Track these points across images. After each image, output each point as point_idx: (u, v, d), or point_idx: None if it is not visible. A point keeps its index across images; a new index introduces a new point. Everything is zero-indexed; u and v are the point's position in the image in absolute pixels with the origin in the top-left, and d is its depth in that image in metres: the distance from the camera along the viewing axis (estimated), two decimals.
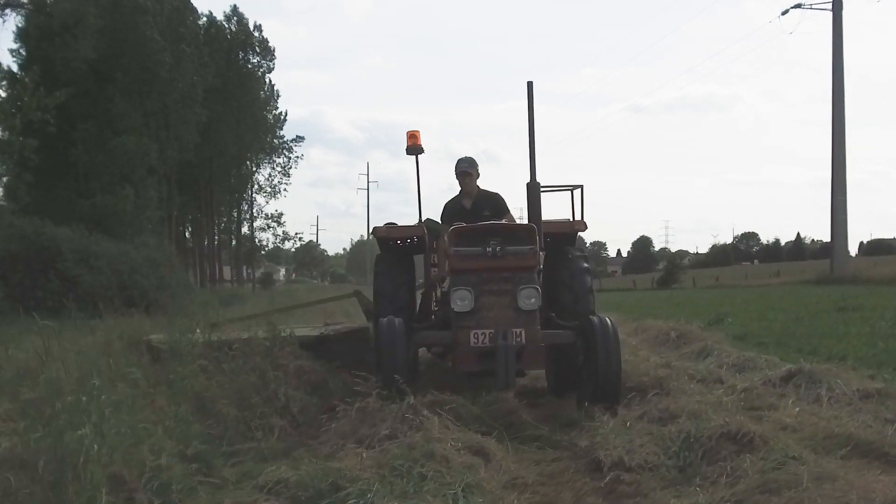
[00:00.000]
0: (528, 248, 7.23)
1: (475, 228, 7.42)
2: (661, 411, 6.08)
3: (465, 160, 8.91)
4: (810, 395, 7.12)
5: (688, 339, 11.85)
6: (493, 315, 7.07)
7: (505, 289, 7.13)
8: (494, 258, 7.15)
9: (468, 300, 7.06)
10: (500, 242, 7.14)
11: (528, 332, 7.02)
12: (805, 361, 8.73)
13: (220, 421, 5.95)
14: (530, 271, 7.27)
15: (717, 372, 8.64)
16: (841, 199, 41.35)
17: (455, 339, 7.14)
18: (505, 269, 7.16)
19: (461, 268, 7.25)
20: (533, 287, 7.14)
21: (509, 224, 7.85)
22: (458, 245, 7.26)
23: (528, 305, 7.08)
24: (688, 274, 69.73)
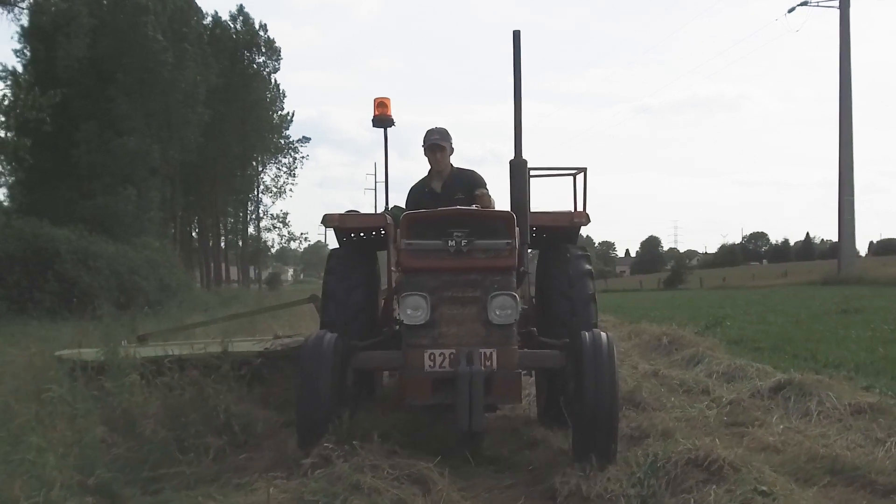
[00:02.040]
0: (504, 243, 5.50)
1: (434, 215, 5.68)
2: (633, 429, 5.70)
3: (436, 130, 7.13)
4: (799, 409, 6.71)
5: (680, 345, 11.48)
6: (455, 330, 5.41)
7: (472, 296, 5.44)
8: (458, 255, 5.47)
9: (422, 310, 5.36)
10: (467, 234, 5.46)
11: (502, 354, 5.34)
12: (799, 369, 8.40)
13: (147, 442, 5.43)
14: (506, 273, 5.53)
15: (705, 382, 8.25)
16: (848, 199, 40.90)
17: (405, 362, 5.46)
18: (472, 270, 5.48)
19: (414, 266, 5.54)
20: (508, 294, 5.38)
21: (481, 210, 5.81)
22: (412, 237, 5.56)
23: (501, 318, 5.37)
24: (695, 274, 69.34)
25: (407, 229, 5.60)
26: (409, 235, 5.58)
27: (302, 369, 5.36)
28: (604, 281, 78.23)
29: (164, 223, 52.13)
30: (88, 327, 9.17)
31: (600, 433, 4.98)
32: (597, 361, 5.09)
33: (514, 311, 5.41)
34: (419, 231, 5.58)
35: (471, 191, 6.96)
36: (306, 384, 5.27)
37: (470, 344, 5.35)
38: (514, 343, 5.49)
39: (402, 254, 5.59)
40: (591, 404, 4.99)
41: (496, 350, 5.35)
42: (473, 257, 5.50)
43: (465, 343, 5.36)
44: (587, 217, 6.88)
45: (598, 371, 5.06)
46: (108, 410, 5.84)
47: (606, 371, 5.07)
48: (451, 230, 5.50)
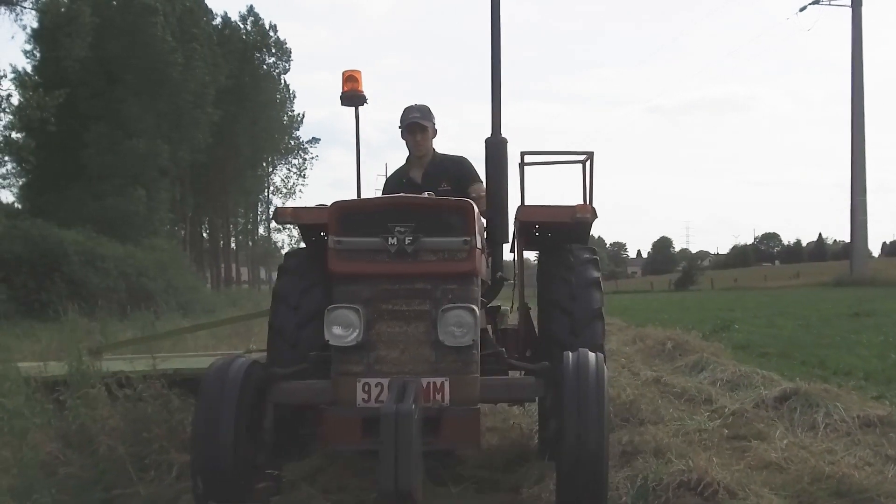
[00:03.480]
0: (461, 241, 4.26)
1: (369, 205, 4.55)
2: (626, 445, 5.35)
3: (416, 107, 6.07)
4: (805, 422, 6.40)
5: (684, 351, 11.21)
6: (396, 354, 4.21)
7: (418, 309, 4.24)
8: (401, 256, 4.25)
9: (353, 328, 4.16)
10: (413, 230, 4.25)
11: (457, 384, 4.14)
12: (806, 378, 8.10)
13: (102, 459, 5.04)
14: (464, 280, 4.30)
15: (708, 390, 7.94)
16: (861, 199, 40.58)
17: (334, 395, 4.29)
18: (420, 276, 4.27)
19: (344, 272, 4.31)
20: (465, 308, 4.15)
21: (430, 199, 4.54)
22: (342, 233, 4.33)
23: (456, 338, 4.13)
24: (706, 275, 68.95)
25: (336, 223, 4.33)
26: (338, 231, 4.32)
27: (198, 406, 4.23)
28: (614, 282, 78.00)
29: (174, 224, 52.18)
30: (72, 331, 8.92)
31: (586, 482, 3.93)
32: (581, 392, 4.00)
33: (471, 330, 4.12)
34: (351, 225, 4.33)
35: (459, 181, 5.95)
36: (202, 426, 4.13)
37: (416, 371, 4.15)
38: (472, 370, 4.24)
39: (330, 255, 4.32)
40: (572, 447, 3.91)
41: (449, 379, 4.13)
42: (421, 260, 4.25)
43: (410, 370, 4.15)
44: (593, 211, 5.59)
45: (583, 404, 3.96)
46: (65, 425, 5.51)
47: (593, 404, 3.97)
48: (391, 224, 4.24)
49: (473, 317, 4.14)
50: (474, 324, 4.14)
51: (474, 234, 4.29)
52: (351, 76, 6.21)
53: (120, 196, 39.79)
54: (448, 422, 4.11)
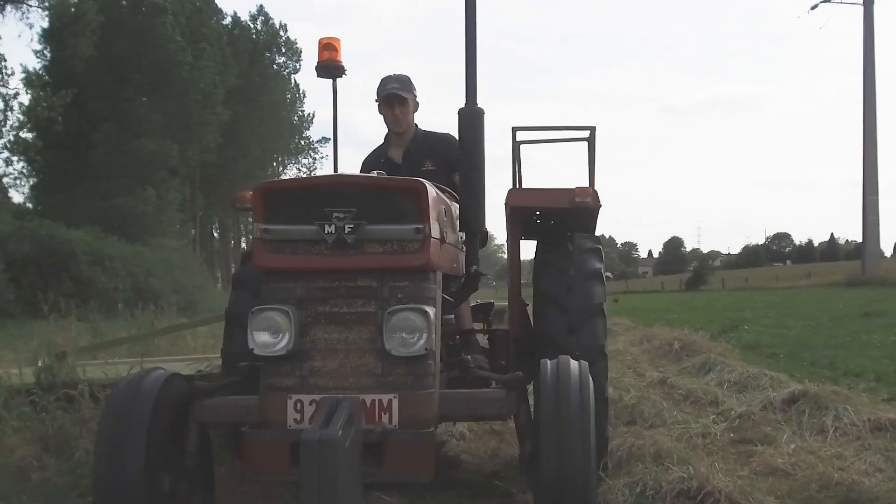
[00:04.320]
0: (413, 230, 3.56)
1: (302, 185, 3.82)
2: (626, 450, 5.14)
3: (394, 77, 5.36)
4: (814, 425, 6.19)
5: (691, 351, 11.00)
6: (334, 365, 3.53)
7: (361, 311, 3.56)
8: (340, 248, 3.55)
9: (283, 333, 3.49)
10: (355, 216, 3.54)
11: (408, 402, 3.45)
12: (816, 379, 7.88)
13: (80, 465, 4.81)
14: (416, 276, 3.61)
15: (715, 392, 7.75)
16: (872, 199, 40.23)
17: (260, 412, 3.59)
18: (362, 271, 3.58)
19: (272, 266, 3.64)
20: (415, 310, 3.47)
21: (374, 178, 3.77)
22: (269, 219, 3.64)
23: (405, 346, 3.45)
24: (717, 275, 68.63)
25: (261, 208, 3.62)
26: (264, 217, 3.61)
27: (100, 431, 3.58)
28: (625, 282, 77.75)
29: (184, 224, 52.23)
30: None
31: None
32: (560, 410, 3.34)
33: (424, 336, 3.43)
34: (280, 211, 3.61)
35: (445, 162, 5.27)
36: (104, 455, 3.47)
37: (358, 387, 3.46)
38: (427, 384, 3.51)
39: (256, 246, 3.67)
40: (551, 479, 3.28)
41: (398, 396, 3.42)
42: (364, 251, 3.55)
43: (352, 385, 3.47)
44: (595, 195, 4.87)
45: (563, 426, 3.31)
46: (42, 429, 5.29)
47: (576, 425, 3.31)
48: (329, 209, 3.53)
49: (426, 320, 3.42)
50: (427, 328, 3.42)
51: (428, 220, 3.55)
52: (329, 44, 5.51)
53: (128, 196, 39.91)
54: (393, 449, 3.33)
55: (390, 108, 5.37)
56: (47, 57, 40.83)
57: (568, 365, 3.57)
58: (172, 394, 3.68)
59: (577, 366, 3.57)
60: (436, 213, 3.69)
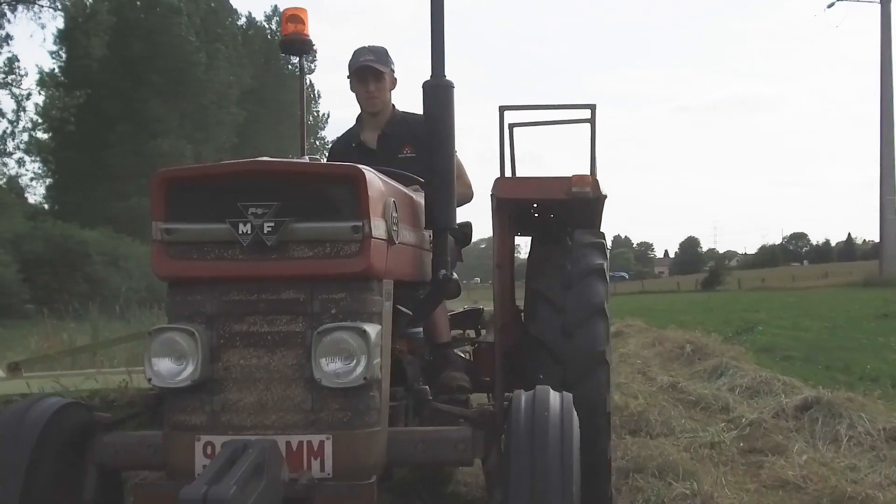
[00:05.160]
0: (349, 228, 2.86)
1: (210, 174, 2.96)
2: (630, 461, 4.98)
3: (368, 48, 4.69)
4: (827, 434, 6.02)
5: (703, 354, 10.84)
6: (253, 399, 2.87)
7: (285, 331, 2.88)
8: (259, 251, 2.86)
9: (188, 359, 2.83)
10: (277, 212, 2.83)
11: (345, 444, 2.81)
12: (830, 385, 7.72)
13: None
14: (355, 286, 2.90)
15: (726, 398, 7.59)
16: (890, 198, 39.95)
17: (164, 454, 2.96)
18: (286, 280, 2.89)
19: (175, 275, 2.94)
20: (351, 329, 2.80)
21: (300, 164, 3.05)
22: (171, 216, 2.91)
23: (339, 376, 2.78)
24: (733, 275, 68.20)
25: (161, 202, 2.89)
26: (165, 214, 2.89)
27: None
28: (641, 282, 77.37)
29: None
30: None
31: None
32: (535, 457, 2.71)
33: (363, 361, 2.76)
34: (184, 206, 2.89)
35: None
36: None
37: (283, 425, 2.81)
38: (370, 421, 2.84)
39: (155, 249, 2.93)
40: None
41: (332, 437, 2.78)
42: (288, 256, 2.85)
43: (276, 424, 2.82)
44: (595, 184, 4.26)
45: (538, 476, 2.69)
46: None
47: (554, 476, 2.68)
48: (244, 204, 2.82)
49: (365, 342, 2.74)
50: (367, 352, 2.75)
51: (368, 216, 2.84)
52: (294, 16, 4.70)
53: (143, 196, 40.01)
54: (328, 501, 2.70)
55: (363, 83, 4.67)
56: (62, 57, 41.04)
57: (546, 398, 2.90)
58: (67, 427, 3.04)
59: (557, 400, 2.91)
60: (381, 208, 2.97)
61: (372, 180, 2.92)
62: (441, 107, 3.55)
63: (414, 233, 3.51)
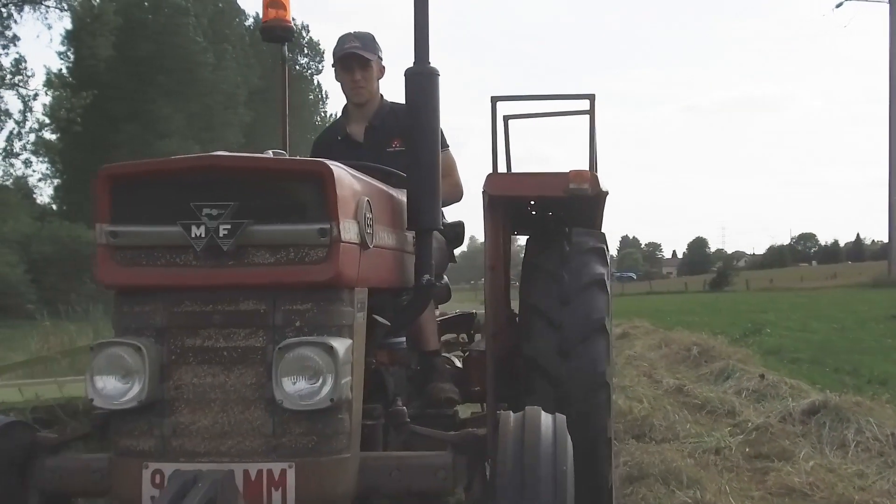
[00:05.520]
0: (316, 230, 2.56)
1: (160, 170, 2.68)
2: (633, 467, 4.89)
3: (354, 34, 4.42)
4: (834, 439, 5.93)
5: (710, 357, 10.77)
6: (207, 422, 2.57)
7: (244, 346, 2.58)
8: (214, 258, 2.57)
9: (135, 377, 2.52)
10: (234, 213, 2.54)
11: (309, 473, 2.52)
12: (838, 388, 7.65)
13: None
14: (323, 296, 2.60)
15: (732, 401, 7.50)
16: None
17: (111, 480, 2.68)
18: (245, 289, 2.59)
19: (121, 283, 2.65)
20: (316, 344, 2.49)
21: (264, 160, 2.70)
22: (117, 218, 2.62)
23: (303, 398, 2.48)
24: (741, 276, 67.96)
25: (106, 202, 2.61)
26: (111, 215, 2.60)
27: None
28: (648, 283, 77.19)
29: None
30: None
31: None
32: (525, 488, 2.50)
33: (330, 380, 2.46)
34: (131, 206, 2.60)
35: None
36: None
37: (241, 452, 2.52)
38: (338, 446, 2.56)
39: (100, 254, 2.64)
40: None
41: (295, 466, 2.50)
42: (247, 262, 2.56)
43: (232, 451, 2.52)
44: (594, 181, 3.94)
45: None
46: None
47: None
48: (198, 204, 2.54)
49: (332, 359, 2.45)
50: (335, 370, 2.45)
51: (336, 217, 2.54)
52: (275, 1, 4.32)
53: None
54: None
55: (349, 71, 4.37)
56: (70, 58, 41.10)
57: (537, 420, 2.66)
58: (7, 448, 2.80)
59: (550, 422, 2.67)
60: (352, 207, 2.66)
61: (341, 177, 2.62)
62: (425, 96, 3.26)
63: (394, 235, 3.22)
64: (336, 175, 2.56)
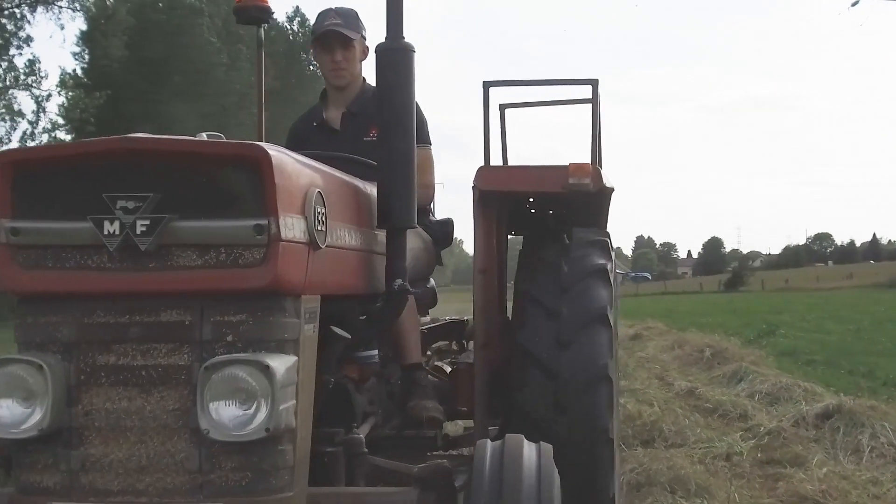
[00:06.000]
0: (250, 227, 2.10)
1: (68, 155, 2.23)
2: (640, 473, 4.76)
3: (335, 11, 3.93)
4: (848, 444, 5.81)
5: (723, 359, 10.66)
6: (120, 455, 2.14)
7: (165, 364, 2.15)
8: (131, 258, 2.13)
9: (37, 401, 2.11)
10: (155, 206, 2.10)
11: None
12: (853, 391, 7.55)
13: None
14: (261, 306, 2.15)
15: (744, 404, 7.37)
16: None
17: None
18: (168, 296, 2.16)
19: (22, 289, 2.22)
20: (251, 363, 2.06)
21: (190, 143, 2.19)
22: (19, 213, 2.18)
23: (236, 427, 2.06)
24: (757, 276, 67.65)
25: (9, 192, 2.20)
26: (11, 209, 2.19)
27: None
28: (663, 283, 76.91)
29: None
30: None
31: None
32: None
33: (265, 406, 2.06)
34: (34, 198, 2.20)
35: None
36: None
37: (160, 490, 2.14)
38: (277, 484, 2.15)
39: (0, 254, 2.21)
40: None
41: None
42: (170, 265, 2.16)
43: (149, 488, 2.14)
44: (597, 174, 3.58)
45: None
46: None
47: None
48: (111, 195, 2.13)
49: (268, 380, 2.04)
50: (271, 394, 2.04)
51: (275, 212, 2.11)
52: None
53: None
54: None
55: (329, 51, 3.88)
56: (85, 59, 41.25)
57: (519, 451, 2.34)
58: None
59: (533, 453, 2.36)
60: (298, 200, 2.24)
61: (283, 163, 2.18)
62: (398, 75, 2.84)
63: (359, 233, 2.77)
64: (275, 161, 2.12)
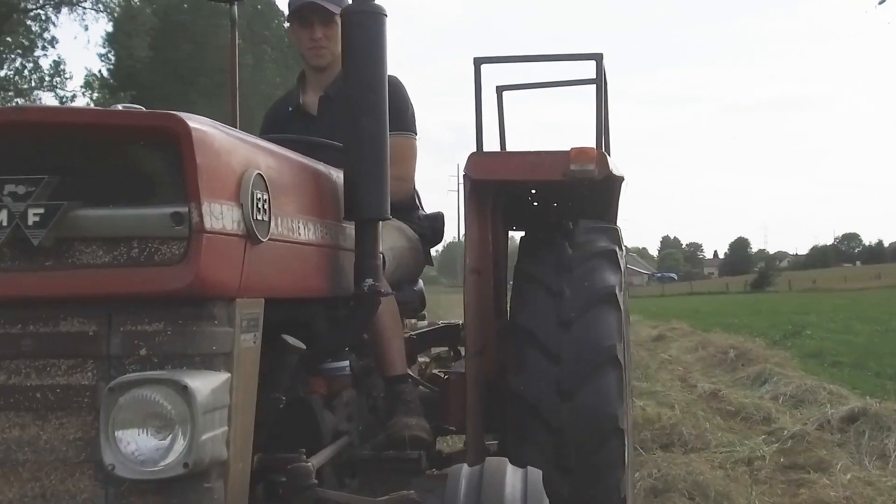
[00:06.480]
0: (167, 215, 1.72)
1: None
2: (657, 479, 4.66)
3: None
4: (874, 449, 5.68)
5: (747, 360, 10.52)
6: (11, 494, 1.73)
7: (65, 385, 1.75)
8: (24, 254, 1.75)
9: None
10: (51, 191, 1.72)
11: None
12: (880, 394, 7.41)
13: None
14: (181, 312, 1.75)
15: (768, 407, 7.25)
16: None
17: None
18: (67, 302, 1.76)
19: None
20: (166, 382, 1.66)
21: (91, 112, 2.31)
22: None
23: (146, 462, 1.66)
24: (783, 276, 67.05)
25: None
26: None
27: None
28: (689, 283, 76.41)
29: None
30: None
31: None
32: None
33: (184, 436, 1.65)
34: None
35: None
36: None
37: None
38: None
39: None
40: None
41: None
42: (71, 262, 1.77)
43: None
44: (602, 160, 3.14)
45: None
46: None
47: None
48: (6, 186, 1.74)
49: (188, 403, 1.65)
50: (192, 420, 1.65)
51: (197, 196, 1.72)
52: None
53: None
54: None
55: (307, 27, 3.44)
56: (111, 60, 41.59)
57: (501, 477, 2.05)
58: None
59: (518, 480, 2.07)
60: (231, 183, 1.84)
61: (208, 138, 1.77)
62: (367, 42, 2.41)
63: (319, 225, 2.38)
64: (197, 135, 1.72)
